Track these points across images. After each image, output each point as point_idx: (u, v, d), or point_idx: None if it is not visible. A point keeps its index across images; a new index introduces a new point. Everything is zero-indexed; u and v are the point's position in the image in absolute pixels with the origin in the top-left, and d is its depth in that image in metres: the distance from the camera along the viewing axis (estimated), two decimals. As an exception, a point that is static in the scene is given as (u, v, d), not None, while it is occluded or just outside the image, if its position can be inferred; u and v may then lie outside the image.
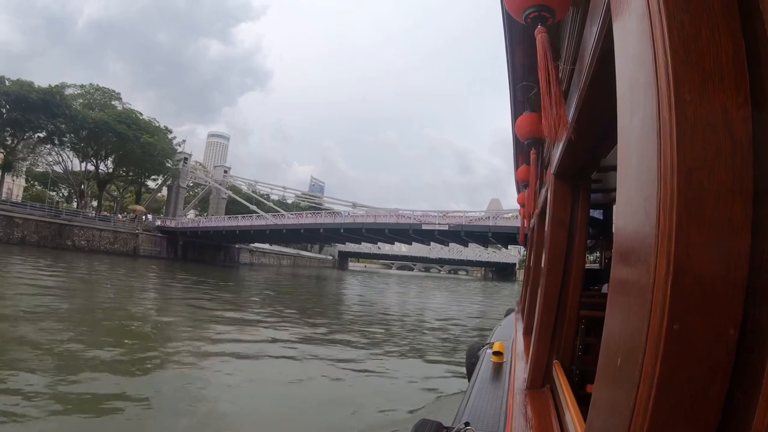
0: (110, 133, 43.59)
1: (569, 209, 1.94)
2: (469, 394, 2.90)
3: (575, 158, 1.71)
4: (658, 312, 0.48)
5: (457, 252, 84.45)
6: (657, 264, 0.49)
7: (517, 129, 2.85)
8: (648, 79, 0.54)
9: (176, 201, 57.81)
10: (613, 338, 0.62)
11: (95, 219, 44.31)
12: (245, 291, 21.53)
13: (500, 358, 3.66)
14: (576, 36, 1.73)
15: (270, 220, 48.27)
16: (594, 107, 1.26)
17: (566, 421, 1.41)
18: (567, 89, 1.91)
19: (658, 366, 0.47)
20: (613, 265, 0.64)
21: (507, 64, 2.72)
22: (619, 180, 0.65)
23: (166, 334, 8.56)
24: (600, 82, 1.09)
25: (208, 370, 6.25)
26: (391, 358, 8.08)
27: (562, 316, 1.98)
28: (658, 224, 0.49)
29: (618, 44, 0.71)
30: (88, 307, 10.52)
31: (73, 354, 6.13)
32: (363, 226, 42.00)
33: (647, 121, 0.54)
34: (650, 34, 0.54)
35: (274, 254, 73.14)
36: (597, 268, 5.25)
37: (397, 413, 5.02)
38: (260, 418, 4.69)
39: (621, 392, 0.55)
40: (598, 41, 0.96)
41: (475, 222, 38.45)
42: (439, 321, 14.92)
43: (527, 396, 1.93)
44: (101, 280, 18.44)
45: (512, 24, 2.25)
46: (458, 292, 37.84)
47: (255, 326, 10.45)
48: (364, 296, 25.55)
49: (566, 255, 1.95)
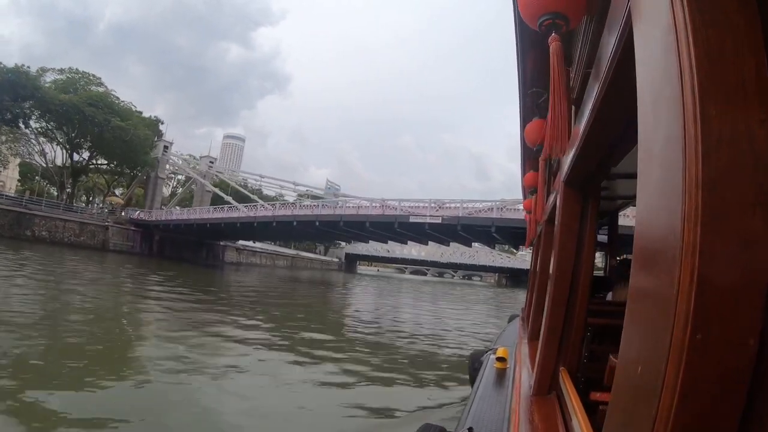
0: (78, 116, 40.56)
1: (578, 217, 1.94)
2: (473, 399, 2.90)
3: (586, 166, 1.71)
4: (681, 322, 0.49)
5: (469, 257, 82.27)
6: (681, 275, 0.50)
7: (526, 135, 2.86)
8: (673, 92, 0.55)
9: (153, 193, 52.66)
10: (633, 347, 0.62)
11: (59, 208, 41.12)
12: (209, 298, 16.35)
13: (504, 364, 3.66)
14: (589, 44, 1.74)
15: (242, 212, 42.52)
16: (608, 116, 1.27)
17: (573, 428, 1.41)
18: (579, 96, 1.92)
19: (681, 375, 0.48)
20: (632, 276, 0.65)
21: (517, 70, 2.73)
22: (641, 191, 0.66)
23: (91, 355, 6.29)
24: (616, 91, 1.10)
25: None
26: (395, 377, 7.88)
27: (570, 323, 1.98)
28: (683, 236, 0.50)
29: (640, 56, 0.71)
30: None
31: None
32: (341, 219, 36.20)
33: (672, 135, 0.55)
34: (675, 49, 0.55)
35: (266, 254, 67.21)
36: (602, 275, 5.24)
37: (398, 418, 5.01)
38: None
39: (641, 400, 0.55)
40: (615, 51, 0.96)
41: (475, 214, 31.65)
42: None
43: (533, 402, 1.93)
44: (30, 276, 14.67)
45: (524, 30, 2.26)
46: (468, 301, 30.84)
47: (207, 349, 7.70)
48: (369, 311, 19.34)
49: (575, 262, 1.95)
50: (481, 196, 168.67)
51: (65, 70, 46.56)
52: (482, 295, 41.35)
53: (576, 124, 1.72)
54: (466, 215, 31.89)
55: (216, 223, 42.86)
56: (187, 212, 46.65)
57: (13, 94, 37.59)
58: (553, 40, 1.48)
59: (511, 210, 29.92)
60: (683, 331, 0.49)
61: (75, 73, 46.75)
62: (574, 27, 1.55)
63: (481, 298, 36.21)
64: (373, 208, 36.15)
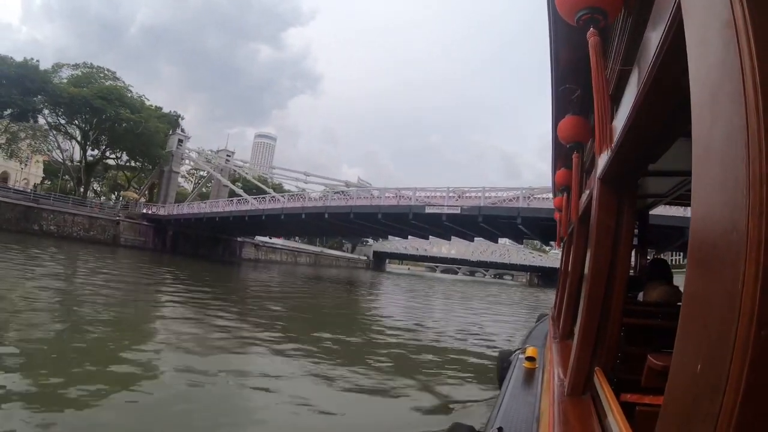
0: (86, 109, 40.39)
1: (615, 214, 1.91)
2: (502, 399, 2.88)
3: (624, 163, 1.68)
4: (746, 318, 0.48)
5: (499, 255, 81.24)
6: (746, 270, 0.49)
7: (559, 132, 2.82)
8: (734, 87, 0.54)
9: (168, 187, 51.28)
10: (691, 344, 0.62)
11: (69, 202, 40.45)
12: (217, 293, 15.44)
13: (533, 364, 3.62)
14: (628, 37, 1.70)
15: (251, 205, 39.62)
16: (649, 112, 1.24)
17: (611, 429, 1.39)
18: (615, 92, 1.88)
19: (746, 372, 0.48)
20: (689, 272, 0.64)
21: (551, 66, 2.70)
22: (697, 188, 0.65)
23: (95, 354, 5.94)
24: (659, 87, 1.08)
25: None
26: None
27: (605, 323, 1.94)
28: (747, 231, 0.49)
29: (693, 50, 0.70)
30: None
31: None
32: (352, 210, 31.96)
33: (734, 130, 0.54)
34: (735, 43, 0.54)
35: (287, 251, 64.84)
36: (632, 275, 5.12)
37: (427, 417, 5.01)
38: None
39: (702, 399, 0.55)
40: (663, 45, 0.94)
41: (499, 204, 26.69)
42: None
43: (567, 403, 1.91)
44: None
45: (558, 26, 2.23)
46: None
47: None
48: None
49: (611, 261, 1.92)
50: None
51: (80, 65, 46.28)
52: (517, 296, 38.32)
53: (613, 121, 1.69)
54: (488, 205, 26.89)
55: (225, 216, 40.07)
56: (197, 206, 44.52)
57: (22, 88, 37.71)
58: (592, 35, 1.46)
59: (540, 199, 24.94)
60: (748, 327, 0.48)
61: (90, 68, 46.42)
62: (612, 22, 1.53)
63: (515, 299, 33.61)
64: (387, 199, 31.56)
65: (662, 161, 1.94)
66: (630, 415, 1.44)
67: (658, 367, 1.39)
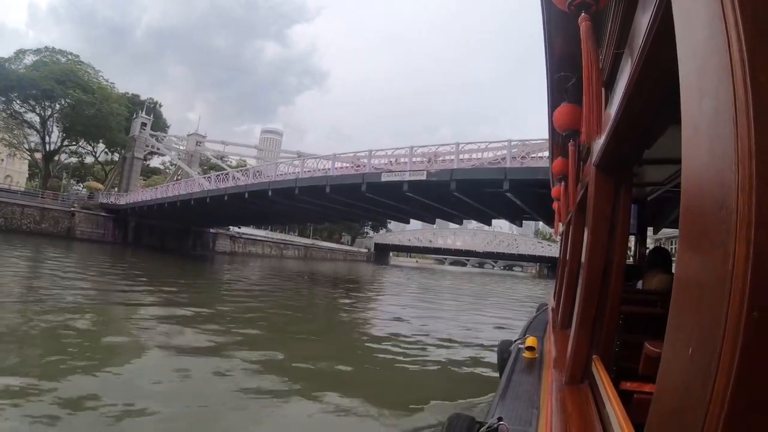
0: (36, 92, 38.68)
1: (611, 202, 1.90)
2: (502, 389, 2.89)
3: (619, 149, 1.67)
4: (737, 299, 0.47)
5: (507, 246, 79.16)
6: (736, 251, 0.48)
7: (555, 120, 2.80)
8: (721, 62, 0.53)
9: (129, 175, 47.78)
10: (683, 328, 0.61)
11: (17, 194, 38.39)
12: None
13: (533, 354, 3.64)
14: (620, 21, 1.68)
15: (198, 186, 33.63)
16: (642, 95, 1.23)
17: (608, 417, 1.39)
18: (609, 78, 1.86)
19: (738, 354, 0.47)
20: (680, 254, 0.63)
21: (545, 54, 2.68)
22: (687, 166, 0.64)
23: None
24: (651, 69, 1.06)
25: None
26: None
27: (603, 311, 1.94)
28: (737, 208, 0.48)
29: (680, 28, 0.69)
30: None
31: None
32: (296, 185, 24.04)
33: (721, 105, 0.53)
34: (721, 17, 0.53)
35: (271, 242, 59.13)
36: (631, 263, 5.11)
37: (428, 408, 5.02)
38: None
39: (695, 383, 0.54)
40: (652, 25, 0.93)
41: (479, 166, 18.85)
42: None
43: (566, 392, 1.91)
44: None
45: (551, 12, 2.21)
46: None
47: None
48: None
49: (607, 248, 1.91)
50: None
51: (42, 50, 43.96)
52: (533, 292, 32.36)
53: (608, 107, 1.67)
54: (463, 167, 19.11)
55: (185, 200, 33.50)
56: (152, 191, 40.00)
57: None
58: (584, 20, 1.44)
59: (535, 158, 17.19)
60: (739, 308, 0.47)
61: (53, 52, 44.16)
62: (604, 6, 1.50)
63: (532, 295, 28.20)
64: (340, 169, 24.08)
65: (659, 149, 1.93)
66: (629, 402, 1.44)
67: (654, 354, 1.39)
